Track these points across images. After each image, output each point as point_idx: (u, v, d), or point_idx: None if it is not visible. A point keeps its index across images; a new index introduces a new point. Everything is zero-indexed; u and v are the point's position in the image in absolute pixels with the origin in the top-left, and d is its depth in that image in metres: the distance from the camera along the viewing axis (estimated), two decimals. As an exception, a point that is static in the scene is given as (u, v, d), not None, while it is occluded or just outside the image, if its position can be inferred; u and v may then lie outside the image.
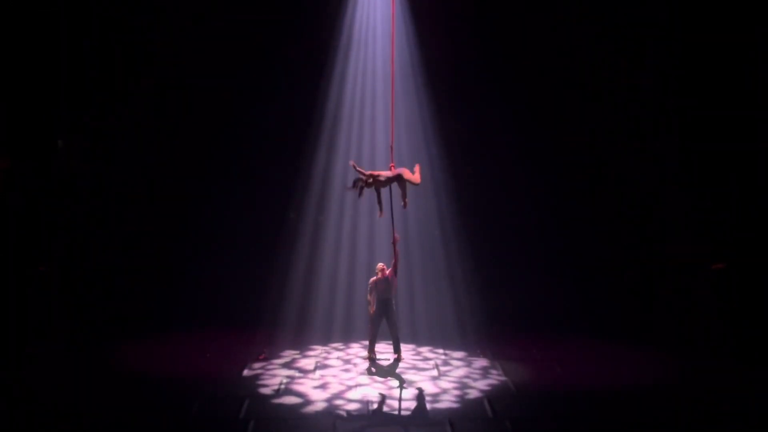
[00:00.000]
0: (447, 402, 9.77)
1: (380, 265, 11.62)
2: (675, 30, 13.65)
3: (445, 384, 10.57)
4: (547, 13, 14.22)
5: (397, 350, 11.52)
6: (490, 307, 13.82)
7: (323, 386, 10.41)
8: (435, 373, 11.17)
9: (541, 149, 14.43)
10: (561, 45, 14.25)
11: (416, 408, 9.56)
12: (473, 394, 10.13)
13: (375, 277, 11.50)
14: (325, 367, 11.48)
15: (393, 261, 11.40)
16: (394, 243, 11.33)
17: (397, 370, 11.18)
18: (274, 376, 10.88)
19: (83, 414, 9.10)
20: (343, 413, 9.28)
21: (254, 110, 14.37)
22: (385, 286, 11.35)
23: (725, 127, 13.56)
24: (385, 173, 11.13)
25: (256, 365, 11.46)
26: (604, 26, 14.07)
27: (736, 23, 13.29)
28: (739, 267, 13.51)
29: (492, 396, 9.95)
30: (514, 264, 14.28)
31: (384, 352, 11.84)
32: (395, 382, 10.60)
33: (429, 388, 10.38)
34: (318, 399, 9.83)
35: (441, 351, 12.50)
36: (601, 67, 14.25)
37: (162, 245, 14.37)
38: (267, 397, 9.90)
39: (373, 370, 11.20)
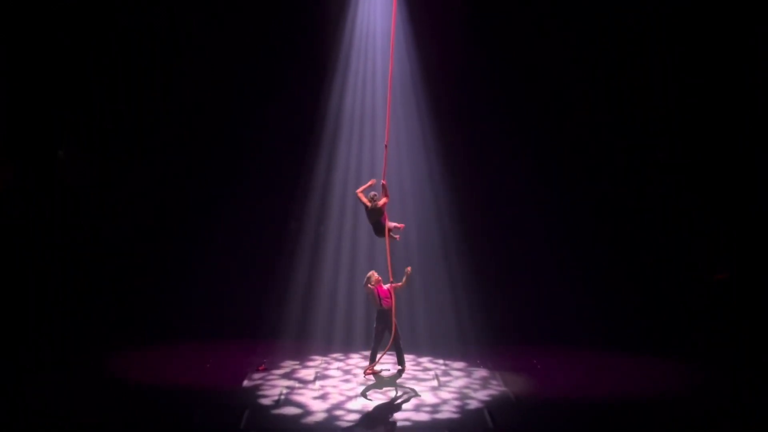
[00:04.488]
0: (447, 412, 9.76)
1: (375, 276, 11.43)
2: (678, 32, 13.69)
3: (445, 394, 10.56)
4: (548, 17, 14.24)
5: (400, 362, 11.46)
6: (490, 317, 13.79)
7: (323, 397, 10.40)
8: (435, 383, 11.16)
9: (544, 156, 14.43)
10: (562, 48, 14.26)
11: (416, 418, 9.53)
12: (473, 404, 10.12)
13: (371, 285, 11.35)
14: (325, 377, 11.47)
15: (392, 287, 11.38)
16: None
17: (398, 381, 11.17)
18: (274, 387, 10.86)
19: (82, 424, 9.09)
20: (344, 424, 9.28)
21: (254, 118, 14.38)
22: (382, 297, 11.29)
23: (728, 134, 13.64)
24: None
25: (256, 376, 11.45)
26: (607, 29, 14.08)
27: (737, 24, 13.36)
28: (742, 277, 13.54)
29: (492, 406, 9.94)
30: (514, 274, 14.27)
31: (385, 362, 11.84)
32: (395, 393, 10.59)
33: (429, 398, 10.37)
34: (318, 410, 9.81)
35: (441, 361, 12.49)
36: (603, 72, 14.26)
37: (162, 255, 14.37)
38: (267, 408, 9.88)
39: (373, 380, 11.19)
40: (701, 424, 9.25)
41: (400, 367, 11.44)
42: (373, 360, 11.32)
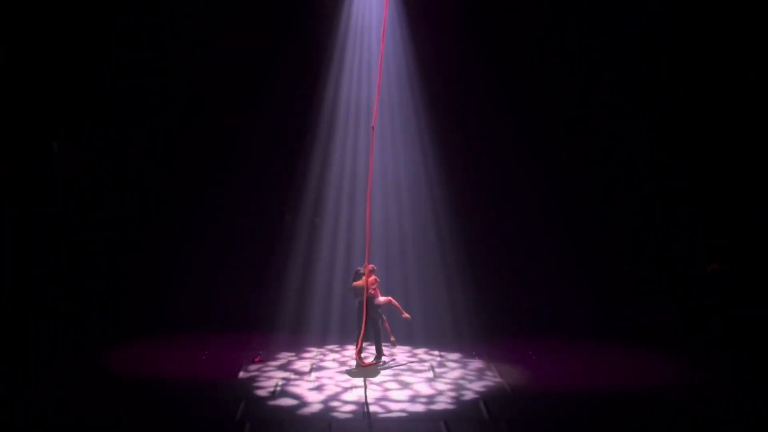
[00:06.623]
0: (442, 404, 9.79)
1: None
2: (677, 32, 13.67)
3: (440, 385, 10.59)
4: (548, 16, 14.22)
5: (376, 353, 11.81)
6: (486, 308, 13.81)
7: (319, 388, 10.43)
8: (430, 374, 11.19)
9: (538, 148, 14.43)
10: (561, 48, 14.25)
11: (411, 409, 9.56)
12: (468, 395, 10.15)
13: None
14: (320, 368, 11.49)
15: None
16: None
17: (393, 372, 11.20)
18: (270, 378, 10.88)
19: (77, 417, 9.09)
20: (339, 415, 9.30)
21: (250, 111, 14.36)
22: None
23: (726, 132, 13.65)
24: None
25: (252, 367, 11.47)
26: (608, 27, 14.06)
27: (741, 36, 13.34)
28: (735, 268, 13.55)
29: (487, 397, 9.97)
30: (510, 265, 14.30)
31: (371, 355, 11.90)
32: (391, 384, 10.61)
33: (424, 389, 10.40)
34: (314, 401, 9.83)
35: (436, 353, 12.52)
36: (601, 68, 14.25)
37: (158, 248, 14.36)
38: (263, 399, 9.91)
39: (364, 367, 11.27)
40: (698, 418, 9.26)
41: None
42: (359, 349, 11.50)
